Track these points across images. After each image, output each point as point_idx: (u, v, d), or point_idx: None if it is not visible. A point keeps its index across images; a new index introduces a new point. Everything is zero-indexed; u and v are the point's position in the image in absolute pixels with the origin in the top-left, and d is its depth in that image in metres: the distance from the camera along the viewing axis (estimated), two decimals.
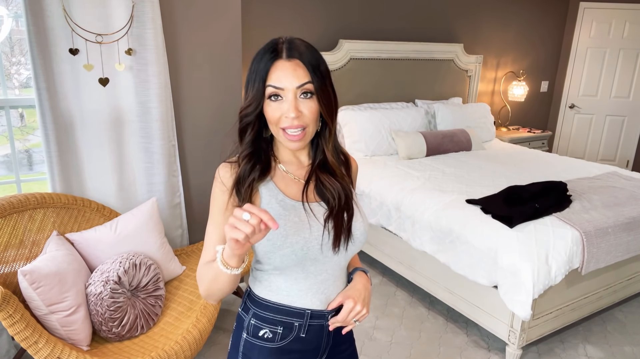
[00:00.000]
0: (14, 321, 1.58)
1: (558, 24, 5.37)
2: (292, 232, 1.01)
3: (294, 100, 0.98)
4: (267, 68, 1.00)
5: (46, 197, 2.11)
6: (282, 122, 0.99)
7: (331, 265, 1.08)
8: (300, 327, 1.08)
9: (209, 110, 2.61)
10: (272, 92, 0.99)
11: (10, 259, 1.95)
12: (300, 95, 0.99)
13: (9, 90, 2.42)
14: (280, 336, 1.08)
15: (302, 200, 1.05)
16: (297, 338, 1.09)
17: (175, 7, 2.38)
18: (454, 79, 4.63)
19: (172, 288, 2.26)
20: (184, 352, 1.80)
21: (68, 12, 2.08)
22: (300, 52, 1.00)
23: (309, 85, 0.99)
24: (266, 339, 1.08)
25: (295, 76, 0.98)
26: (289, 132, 0.99)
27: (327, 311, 1.10)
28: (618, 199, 2.76)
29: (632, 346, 2.62)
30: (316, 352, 1.12)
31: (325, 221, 1.04)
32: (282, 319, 1.08)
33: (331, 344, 1.15)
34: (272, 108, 0.99)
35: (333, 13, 3.84)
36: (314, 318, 1.09)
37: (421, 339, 2.62)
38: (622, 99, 5.39)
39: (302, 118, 0.99)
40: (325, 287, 1.09)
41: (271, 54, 1.01)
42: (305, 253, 1.02)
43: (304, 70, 0.99)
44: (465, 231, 2.47)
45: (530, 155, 3.98)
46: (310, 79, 0.99)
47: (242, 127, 1.04)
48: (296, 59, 0.99)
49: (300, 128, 0.99)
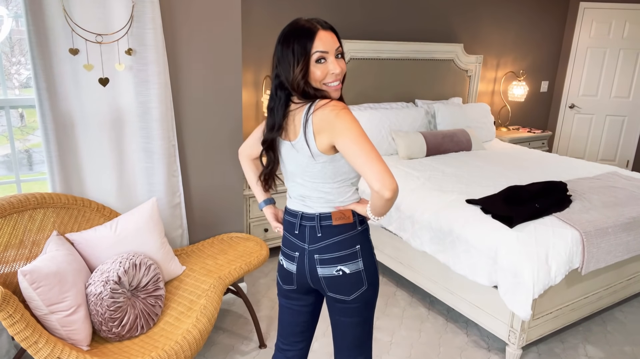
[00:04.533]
0: (14, 321, 1.58)
1: (558, 23, 5.37)
2: None
3: (334, 60, 1.32)
4: (312, 39, 1.29)
5: (46, 197, 2.11)
6: (328, 78, 1.33)
7: None
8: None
9: (209, 110, 2.61)
10: (319, 56, 1.30)
11: (10, 259, 1.95)
12: (336, 55, 1.33)
13: (9, 90, 2.42)
14: None
15: None
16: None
17: (175, 7, 2.38)
18: (454, 79, 4.63)
19: (172, 288, 2.26)
20: (184, 352, 1.80)
21: (68, 12, 2.08)
22: (330, 25, 1.35)
23: (341, 49, 1.34)
24: None
25: (333, 42, 1.32)
26: (332, 85, 1.34)
27: None
28: (618, 199, 2.76)
29: (632, 346, 2.62)
30: None
31: None
32: None
33: None
34: (319, 69, 1.32)
35: (333, 13, 3.84)
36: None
37: (421, 339, 2.62)
38: (622, 99, 5.39)
39: (341, 73, 1.35)
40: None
41: (311, 30, 1.30)
42: None
43: (335, 38, 1.33)
44: (465, 231, 2.47)
45: (530, 155, 3.98)
46: (340, 44, 1.34)
47: (275, 87, 1.37)
48: (329, 29, 1.33)
49: (339, 81, 1.35)
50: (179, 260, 2.45)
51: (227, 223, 2.84)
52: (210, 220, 2.77)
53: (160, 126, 2.37)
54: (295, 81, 1.32)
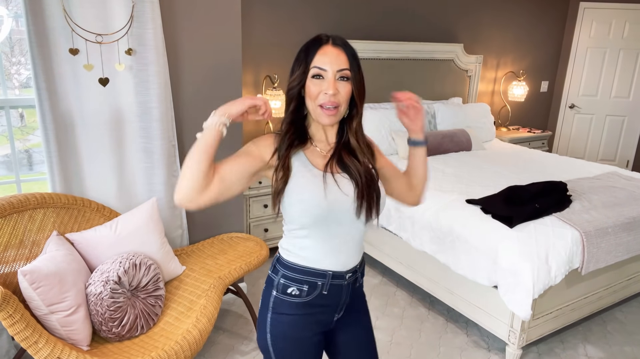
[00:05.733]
0: (14, 321, 1.58)
1: (558, 24, 5.37)
2: (316, 195, 1.18)
3: (333, 80, 1.17)
4: (314, 52, 1.19)
5: (46, 197, 2.11)
6: (320, 98, 1.18)
7: (351, 229, 1.25)
8: (323, 286, 1.26)
9: (209, 110, 2.59)
10: (315, 73, 1.18)
11: (10, 259, 1.95)
12: (338, 77, 1.18)
13: (9, 90, 2.42)
14: (306, 293, 1.26)
15: (325, 170, 1.23)
16: (320, 295, 1.26)
17: (175, 7, 2.38)
18: (454, 79, 4.63)
19: (172, 288, 2.26)
20: (184, 352, 1.80)
21: (68, 12, 2.08)
22: (344, 43, 1.21)
23: (347, 72, 1.19)
24: (293, 296, 1.26)
25: (337, 61, 1.18)
26: (325, 107, 1.18)
27: (345, 271, 1.28)
28: (618, 199, 2.76)
29: (632, 346, 2.62)
30: (335, 307, 1.31)
31: (358, 196, 1.22)
32: (308, 279, 1.25)
33: (350, 300, 1.33)
34: (314, 84, 1.18)
35: (333, 13, 3.84)
36: (335, 278, 1.27)
37: (421, 339, 2.62)
38: (622, 99, 5.38)
39: (337, 97, 1.18)
40: (346, 249, 1.26)
41: (318, 42, 1.20)
42: (327, 213, 1.19)
43: (345, 58, 1.19)
44: (465, 231, 2.47)
45: (530, 155, 3.98)
46: (349, 67, 1.19)
47: (287, 100, 1.24)
48: (340, 47, 1.20)
49: (334, 106, 1.18)
50: (179, 260, 2.45)
51: (227, 223, 2.84)
52: (210, 220, 2.77)
53: (160, 126, 2.37)
54: (289, 88, 1.22)
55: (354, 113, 1.25)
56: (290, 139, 1.22)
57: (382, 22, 4.11)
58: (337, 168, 1.24)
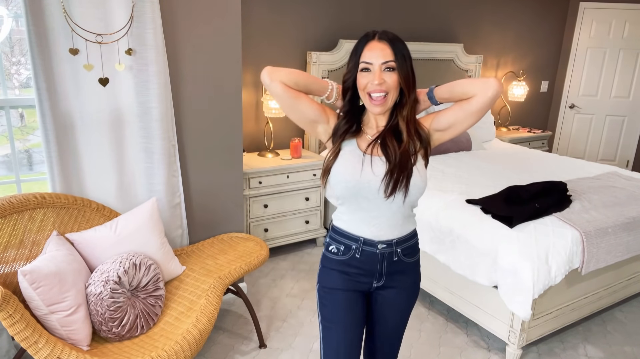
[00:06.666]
0: (14, 321, 1.58)
1: (558, 23, 5.37)
2: (348, 171, 1.37)
3: (379, 72, 1.32)
4: (362, 47, 1.35)
5: (46, 197, 2.11)
6: (368, 87, 1.33)
7: (383, 207, 1.39)
8: (357, 249, 1.45)
9: (209, 110, 2.61)
10: (363, 67, 1.34)
11: (10, 259, 1.95)
12: (384, 69, 1.32)
13: (9, 90, 2.42)
14: (342, 252, 1.47)
15: (365, 151, 1.39)
16: (354, 257, 1.46)
17: (175, 7, 2.37)
18: (454, 79, 4.62)
19: (172, 288, 2.26)
20: (184, 352, 1.80)
21: (68, 12, 2.08)
22: (389, 37, 1.34)
23: (392, 63, 1.32)
24: (333, 253, 1.48)
25: (382, 54, 1.32)
26: (373, 96, 1.33)
27: (377, 241, 1.43)
28: (618, 199, 2.76)
29: (632, 346, 2.62)
30: (372, 273, 1.47)
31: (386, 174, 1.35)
32: (344, 241, 1.46)
33: (388, 272, 1.47)
34: (362, 77, 1.34)
35: (333, 13, 3.84)
36: (367, 245, 1.44)
37: (421, 339, 2.62)
38: (622, 99, 5.38)
39: (384, 85, 1.32)
40: (377, 223, 1.41)
41: (365, 38, 1.36)
42: (356, 191, 1.37)
43: (390, 51, 1.32)
44: (465, 231, 2.47)
45: (530, 155, 3.98)
46: (394, 59, 1.32)
47: (343, 90, 1.42)
48: (385, 41, 1.33)
49: (383, 93, 1.33)
50: (179, 260, 2.45)
51: (227, 223, 2.84)
52: (210, 220, 2.77)
53: (160, 126, 2.37)
54: (343, 81, 1.41)
55: (404, 101, 1.38)
56: (344, 127, 1.41)
57: (382, 22, 4.11)
58: (378, 151, 1.39)
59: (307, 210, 3.60)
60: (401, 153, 1.35)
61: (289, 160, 3.47)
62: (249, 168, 3.27)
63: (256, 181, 3.31)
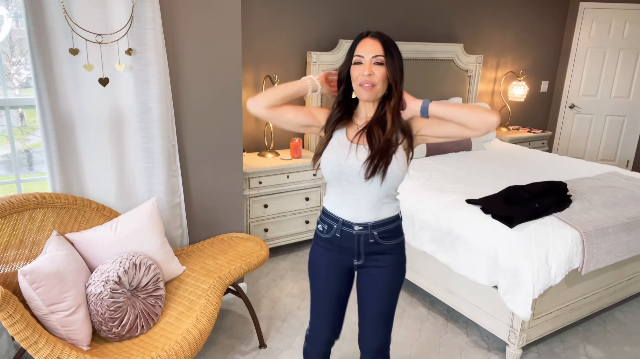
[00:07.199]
0: (14, 321, 1.58)
1: (558, 24, 5.37)
2: (334, 157, 1.54)
3: (369, 64, 1.48)
4: (356, 44, 1.52)
5: (46, 197, 2.11)
6: (359, 78, 1.49)
7: (362, 189, 1.54)
8: (337, 229, 1.62)
9: (209, 110, 2.61)
10: (356, 60, 1.50)
11: (10, 259, 1.95)
12: (374, 63, 1.48)
13: (9, 90, 2.42)
14: (326, 231, 1.65)
15: (352, 141, 1.54)
16: (335, 236, 1.63)
17: (175, 7, 2.38)
18: (454, 79, 4.63)
19: (172, 288, 2.26)
20: (184, 352, 1.80)
21: (68, 12, 2.08)
22: (381, 36, 1.50)
23: (381, 58, 1.47)
24: (320, 231, 1.68)
25: (372, 49, 1.48)
26: (363, 86, 1.49)
27: (354, 222, 1.58)
28: (618, 199, 2.76)
29: (632, 346, 2.62)
30: (351, 252, 1.63)
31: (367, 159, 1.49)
32: (327, 220, 1.64)
33: (366, 252, 1.61)
34: (355, 69, 1.51)
35: (333, 13, 3.84)
36: (345, 226, 1.60)
37: (421, 339, 2.62)
38: (622, 99, 5.39)
39: (373, 77, 1.48)
40: (355, 205, 1.56)
41: (360, 36, 1.53)
42: (340, 174, 1.53)
43: (380, 47, 1.48)
44: (465, 231, 2.47)
45: (530, 155, 3.98)
46: (383, 54, 1.47)
47: (339, 80, 1.58)
48: (377, 39, 1.49)
49: (371, 84, 1.48)
50: (179, 260, 2.45)
51: (227, 223, 2.84)
52: (210, 220, 2.77)
53: (160, 126, 2.37)
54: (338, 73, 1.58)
55: (392, 94, 1.52)
56: (337, 115, 1.58)
57: (382, 22, 4.11)
58: (364, 140, 1.53)
59: (307, 210, 3.60)
60: (384, 141, 1.49)
61: (289, 160, 3.47)
62: (249, 168, 3.27)
63: (256, 181, 3.31)
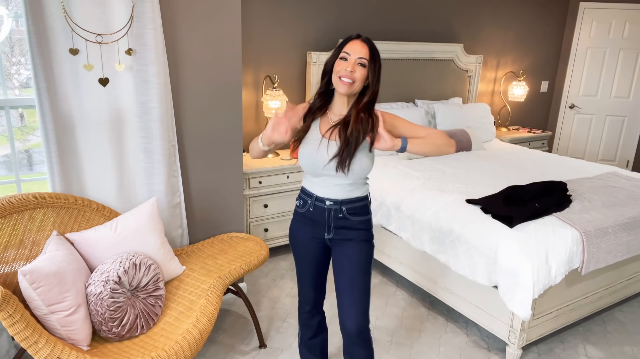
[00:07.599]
0: (14, 321, 1.58)
1: (558, 24, 5.37)
2: (308, 151, 1.73)
3: (353, 62, 1.65)
4: (346, 42, 1.68)
5: (46, 197, 2.11)
6: (341, 72, 1.65)
7: (332, 177, 1.73)
8: (311, 204, 1.81)
9: (209, 110, 2.61)
10: (343, 56, 1.66)
11: (10, 259, 1.95)
12: (358, 63, 1.65)
13: (9, 90, 2.42)
14: (301, 206, 1.84)
15: (323, 135, 1.72)
16: (308, 211, 1.81)
17: (175, 7, 2.38)
18: (454, 79, 4.63)
19: (172, 288, 2.26)
20: (184, 352, 1.80)
21: (68, 12, 2.08)
22: (370, 43, 1.68)
23: (365, 60, 1.65)
24: (297, 206, 1.87)
25: (360, 51, 1.65)
26: (343, 80, 1.65)
27: (325, 198, 1.77)
28: (618, 199, 2.76)
29: (632, 346, 2.62)
30: (322, 225, 1.80)
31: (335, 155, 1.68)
32: (303, 197, 1.84)
33: (335, 226, 1.78)
34: (339, 64, 1.67)
35: (333, 13, 3.84)
36: (318, 201, 1.79)
37: (421, 339, 2.62)
38: (622, 99, 5.39)
39: (354, 74, 1.64)
40: (327, 185, 1.75)
41: (351, 37, 1.69)
42: (312, 166, 1.73)
43: (367, 51, 1.65)
44: (465, 231, 2.47)
45: (530, 155, 3.98)
46: (367, 57, 1.65)
47: (322, 75, 1.76)
48: (366, 43, 1.67)
49: (351, 80, 1.64)
50: (179, 260, 2.45)
51: (227, 223, 2.84)
52: (210, 220, 2.77)
53: (160, 126, 2.38)
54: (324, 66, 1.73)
55: (366, 93, 1.70)
56: (318, 104, 1.75)
57: (382, 22, 4.11)
58: (335, 136, 1.69)
59: None
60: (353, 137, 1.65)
61: (289, 160, 3.47)
62: (249, 168, 3.27)
63: (256, 181, 3.31)
